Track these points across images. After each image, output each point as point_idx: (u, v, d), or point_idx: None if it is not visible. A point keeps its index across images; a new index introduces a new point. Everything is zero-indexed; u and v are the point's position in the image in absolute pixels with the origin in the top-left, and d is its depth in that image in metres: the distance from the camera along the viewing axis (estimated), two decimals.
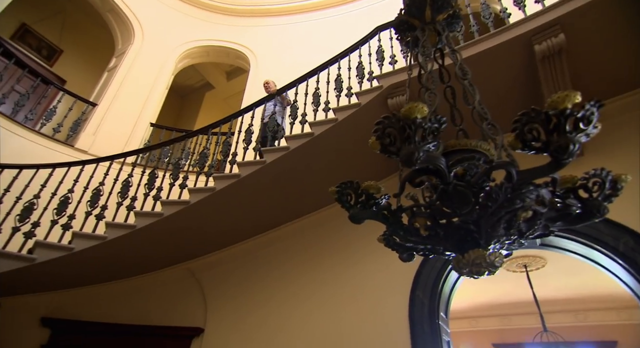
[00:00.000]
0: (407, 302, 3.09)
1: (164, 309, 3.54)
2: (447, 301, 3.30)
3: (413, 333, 2.95)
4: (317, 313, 3.26)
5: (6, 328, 3.16)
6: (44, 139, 4.29)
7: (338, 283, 3.35)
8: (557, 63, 2.79)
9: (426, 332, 2.95)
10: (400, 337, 2.94)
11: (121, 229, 2.92)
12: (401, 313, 3.05)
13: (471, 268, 0.85)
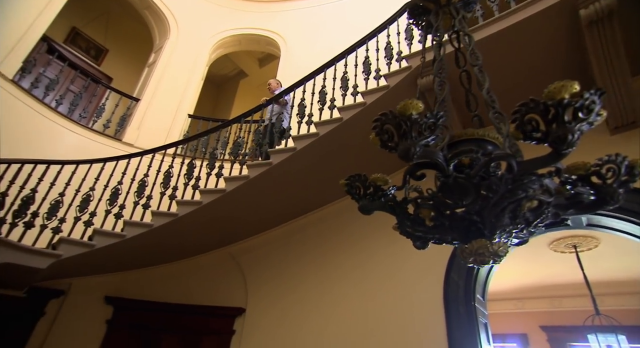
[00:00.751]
0: (442, 284, 3.10)
1: (208, 290, 3.81)
2: (484, 283, 3.26)
3: (448, 315, 2.96)
4: (351, 294, 3.36)
5: (77, 305, 3.59)
6: (96, 135, 4.68)
7: (371, 265, 3.41)
8: (607, 28, 2.54)
9: (461, 313, 2.95)
10: (435, 319, 2.97)
11: (165, 217, 3.16)
12: (436, 295, 3.06)
13: (475, 258, 0.86)
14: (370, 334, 3.11)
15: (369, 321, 3.17)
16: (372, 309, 3.22)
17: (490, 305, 6.73)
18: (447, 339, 2.86)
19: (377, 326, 3.12)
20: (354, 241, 3.58)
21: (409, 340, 2.98)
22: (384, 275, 3.33)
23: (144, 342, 3.60)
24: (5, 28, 4.06)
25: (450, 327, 2.91)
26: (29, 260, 2.81)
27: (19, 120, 4.10)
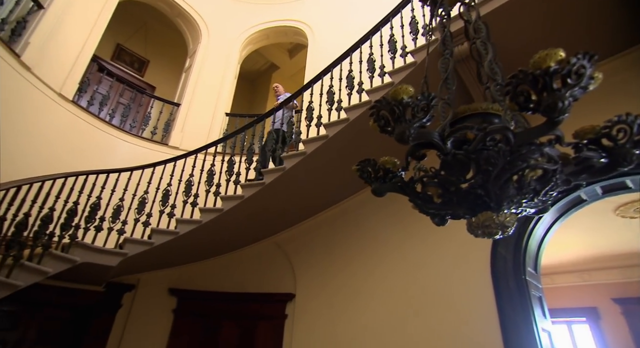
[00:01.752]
0: (489, 259, 3.04)
1: (259, 278, 4.04)
2: (536, 256, 3.13)
3: (497, 290, 2.91)
4: (394, 274, 3.39)
5: (146, 297, 4.00)
6: (146, 142, 5.06)
7: (413, 243, 3.41)
8: None
9: (511, 287, 2.88)
10: (484, 294, 2.92)
11: (212, 213, 3.38)
12: (482, 271, 3.01)
13: (483, 230, 0.86)
14: (415, 313, 3.14)
15: (414, 300, 3.19)
16: (417, 288, 3.23)
17: (552, 279, 6.40)
18: (498, 314, 2.81)
19: (422, 304, 3.13)
20: (395, 221, 3.58)
21: (456, 317, 2.96)
22: (427, 253, 3.31)
23: (207, 328, 3.93)
24: (62, 54, 4.49)
25: (500, 302, 2.86)
26: (102, 259, 3.17)
27: (81, 136, 4.55)
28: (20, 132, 3.92)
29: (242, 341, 3.83)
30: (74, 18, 4.68)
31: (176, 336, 3.87)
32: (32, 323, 3.70)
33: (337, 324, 3.44)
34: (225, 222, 3.51)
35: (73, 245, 3.04)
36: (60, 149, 4.25)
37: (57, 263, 2.90)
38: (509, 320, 2.76)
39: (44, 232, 2.90)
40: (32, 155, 3.93)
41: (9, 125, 3.83)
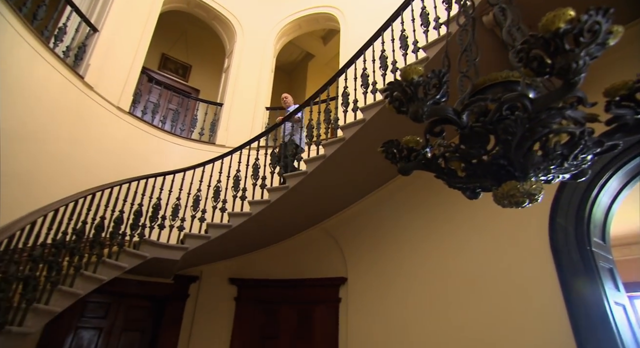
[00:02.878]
0: (547, 231, 2.87)
1: (312, 264, 4.17)
2: (603, 225, 2.90)
3: (558, 263, 2.76)
4: (448, 251, 3.33)
5: (210, 287, 4.33)
6: (195, 143, 5.38)
7: (466, 218, 3.30)
8: None
9: (575, 260, 2.71)
10: (544, 268, 2.78)
11: (260, 205, 3.54)
12: (540, 243, 2.87)
13: (509, 200, 0.84)
14: (470, 291, 3.07)
15: (468, 278, 3.12)
16: (471, 265, 3.15)
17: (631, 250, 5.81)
18: (561, 289, 2.67)
19: (477, 282, 3.05)
20: (444, 198, 3.47)
21: (514, 294, 2.85)
22: (480, 229, 3.20)
23: (267, 313, 4.17)
24: (116, 70, 4.90)
25: (563, 276, 2.70)
26: (167, 253, 3.48)
27: (139, 143, 4.96)
28: (89, 145, 4.37)
29: (300, 324, 4.01)
30: (123, 36, 5.07)
31: (240, 321, 4.16)
32: (119, 312, 4.19)
33: (391, 305, 3.47)
34: (273, 212, 3.65)
35: (142, 243, 3.36)
36: (123, 157, 4.68)
37: (131, 259, 3.24)
38: (575, 295, 2.60)
39: (117, 232, 3.24)
40: (101, 165, 4.38)
41: (81, 140, 4.29)
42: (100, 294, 3.80)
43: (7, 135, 3.48)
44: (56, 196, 2.94)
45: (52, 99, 3.99)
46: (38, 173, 3.74)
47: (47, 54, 3.92)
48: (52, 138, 3.96)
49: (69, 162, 4.10)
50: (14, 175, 3.54)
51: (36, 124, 3.79)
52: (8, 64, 3.53)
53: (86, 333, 3.97)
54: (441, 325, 3.11)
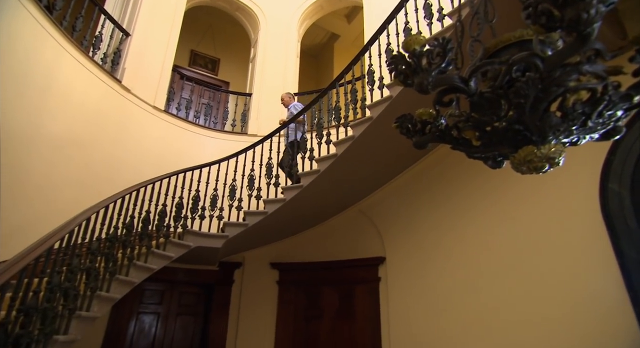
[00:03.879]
0: (597, 198, 2.68)
1: (349, 245, 4.20)
2: None
3: (612, 232, 2.58)
4: (489, 224, 3.22)
5: (252, 272, 4.51)
6: (228, 134, 5.54)
7: (508, 188, 3.16)
8: None
9: (632, 227, 2.53)
10: (595, 236, 2.62)
11: (293, 190, 3.60)
12: (591, 212, 2.68)
13: (527, 166, 0.79)
14: (513, 265, 2.96)
15: (511, 251, 3.00)
16: (513, 239, 3.03)
17: None
18: (617, 259, 2.49)
19: (521, 256, 2.93)
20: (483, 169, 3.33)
21: (561, 266, 2.71)
22: (523, 200, 3.06)
23: (308, 295, 4.29)
24: (150, 71, 5.13)
25: (618, 244, 2.52)
26: (209, 242, 3.66)
27: (175, 139, 5.19)
28: (130, 145, 4.65)
29: (342, 304, 4.10)
30: (152, 37, 5.27)
31: (283, 303, 4.32)
32: (173, 298, 4.51)
33: (431, 282, 3.44)
34: (307, 197, 3.70)
35: (186, 233, 3.56)
36: (163, 153, 4.93)
37: (177, 249, 3.45)
38: (633, 263, 2.43)
39: (162, 225, 3.45)
40: (143, 162, 4.64)
41: (123, 141, 4.57)
42: (154, 282, 4.10)
43: (59, 142, 3.79)
44: (105, 194, 3.17)
45: (94, 104, 4.27)
46: (88, 175, 4.05)
47: (88, 62, 4.18)
48: (98, 141, 4.25)
49: (114, 162, 4.39)
50: (72, 182, 3.86)
51: (82, 129, 4.08)
52: (55, 75, 3.81)
53: (146, 317, 4.32)
54: (484, 301, 3.04)
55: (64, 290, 2.16)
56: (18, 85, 3.39)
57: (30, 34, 3.57)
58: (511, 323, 2.83)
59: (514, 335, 2.80)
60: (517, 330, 2.79)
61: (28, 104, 3.49)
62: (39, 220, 3.43)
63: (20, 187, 3.36)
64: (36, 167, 3.54)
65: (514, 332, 2.80)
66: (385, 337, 3.64)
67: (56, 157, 3.74)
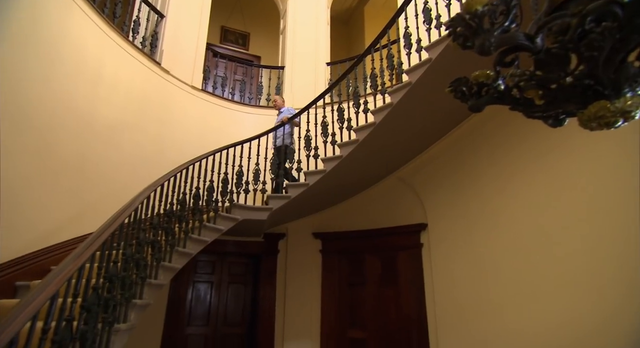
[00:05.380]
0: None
1: (390, 213, 4.24)
2: None
3: None
4: (536, 187, 3.12)
5: (296, 242, 4.70)
6: (264, 109, 5.61)
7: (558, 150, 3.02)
8: None
9: None
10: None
11: (332, 161, 3.64)
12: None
13: (598, 122, 0.75)
14: (563, 229, 2.87)
15: (561, 212, 2.90)
16: (562, 202, 2.91)
17: None
18: None
19: (570, 220, 2.83)
20: (530, 130, 3.19)
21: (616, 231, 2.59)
22: (573, 162, 2.90)
23: (351, 263, 4.43)
24: (185, 51, 5.22)
25: None
26: (255, 215, 3.83)
27: (214, 117, 5.34)
28: (174, 126, 4.85)
29: (384, 270, 4.20)
30: (185, 17, 5.32)
31: (327, 271, 4.49)
32: (223, 268, 4.82)
33: (476, 247, 3.42)
34: (347, 166, 3.73)
35: (233, 207, 3.74)
36: (204, 132, 5.11)
37: (226, 222, 3.65)
38: None
39: (211, 200, 3.64)
40: (186, 142, 4.85)
41: (167, 122, 4.77)
42: (206, 254, 4.38)
43: (112, 127, 4.03)
44: (154, 174, 3.38)
45: (139, 88, 4.45)
46: (138, 156, 4.30)
47: (130, 47, 4.33)
48: (144, 124, 4.47)
49: (160, 143, 4.62)
50: (126, 162, 4.13)
51: (130, 113, 4.29)
52: (103, 62, 4.00)
53: (201, 286, 4.68)
54: (533, 266, 2.99)
55: (136, 261, 2.39)
56: (72, 75, 3.59)
57: (79, 25, 3.73)
58: (562, 288, 2.79)
59: (565, 300, 2.76)
60: (568, 296, 2.74)
61: (82, 92, 3.71)
62: (103, 198, 3.74)
63: (85, 170, 3.65)
64: (96, 152, 3.80)
65: (565, 297, 2.76)
66: (429, 301, 3.72)
67: (111, 140, 3.99)
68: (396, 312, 3.99)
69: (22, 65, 3.09)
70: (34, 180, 3.13)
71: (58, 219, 3.35)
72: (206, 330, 4.55)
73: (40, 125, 3.23)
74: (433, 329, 3.60)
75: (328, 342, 4.25)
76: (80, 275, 1.72)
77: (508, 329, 3.05)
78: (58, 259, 3.17)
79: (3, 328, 1.14)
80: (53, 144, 3.35)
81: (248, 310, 4.74)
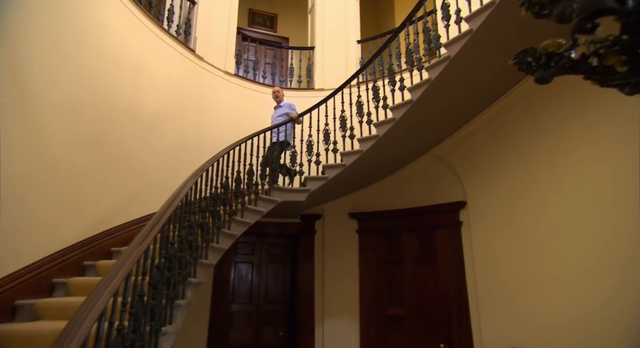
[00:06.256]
0: None
1: (428, 191, 4.20)
2: None
3: None
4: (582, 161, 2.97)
5: (332, 222, 4.77)
6: (295, 91, 5.59)
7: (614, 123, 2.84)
8: None
9: None
10: None
11: (368, 141, 3.62)
12: None
13: None
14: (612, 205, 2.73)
15: (610, 190, 2.76)
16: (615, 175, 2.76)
17: None
18: None
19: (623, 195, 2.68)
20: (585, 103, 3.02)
21: None
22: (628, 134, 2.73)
23: (388, 242, 4.46)
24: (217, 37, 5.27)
25: None
26: (294, 196, 3.91)
27: (247, 101, 5.41)
28: (210, 112, 4.96)
29: (422, 249, 4.20)
30: (216, 2, 5.35)
31: (364, 251, 4.55)
32: (263, 249, 4.99)
33: (520, 224, 3.34)
34: (383, 146, 3.70)
35: (272, 189, 3.83)
36: (238, 117, 5.20)
37: (266, 204, 3.75)
38: None
39: (251, 183, 3.74)
40: (222, 128, 4.96)
41: (204, 109, 4.90)
42: (246, 235, 4.52)
43: (154, 117, 4.18)
44: (194, 161, 3.51)
45: (177, 76, 4.57)
46: (179, 144, 4.46)
47: (167, 37, 4.43)
48: (183, 111, 4.60)
49: (199, 130, 4.75)
50: (168, 149, 4.29)
51: (169, 102, 4.43)
52: (143, 54, 4.12)
53: (242, 266, 4.87)
54: (582, 242, 2.89)
55: (189, 242, 2.53)
56: (115, 67, 3.73)
57: (120, 18, 3.85)
58: (611, 268, 2.69)
59: (613, 280, 2.66)
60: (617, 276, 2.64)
61: (125, 84, 3.86)
62: (149, 185, 3.94)
63: (131, 159, 3.84)
64: (140, 141, 3.98)
65: (614, 277, 2.66)
66: (470, 279, 3.70)
67: (153, 130, 4.16)
68: (435, 289, 4.01)
69: (75, 61, 3.25)
70: (90, 169, 3.34)
71: (113, 203, 3.57)
72: (249, 307, 4.77)
73: (91, 117, 3.41)
74: (474, 306, 3.60)
75: (367, 319, 4.35)
76: (146, 256, 1.85)
77: (553, 307, 3.00)
78: (115, 242, 3.41)
79: (94, 302, 1.27)
80: (102, 134, 3.53)
81: (288, 289, 4.91)
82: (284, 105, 4.58)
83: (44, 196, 2.83)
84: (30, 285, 2.51)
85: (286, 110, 4.47)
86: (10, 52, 2.64)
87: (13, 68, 2.65)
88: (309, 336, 4.45)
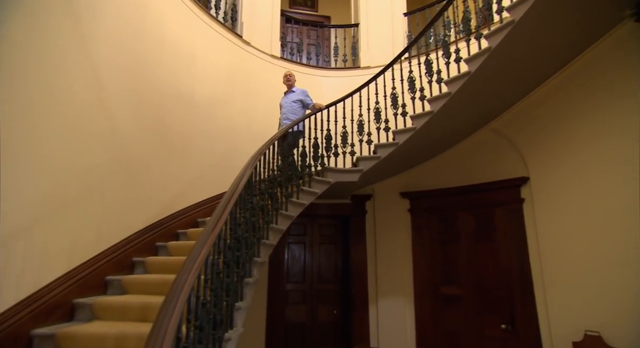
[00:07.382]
0: None
1: (484, 167, 4.02)
2: None
3: None
4: None
5: (383, 202, 4.73)
6: (341, 71, 5.53)
7: None
8: None
9: None
10: None
11: (422, 118, 3.49)
12: None
13: None
14: None
15: None
16: None
17: None
18: None
19: None
20: None
21: None
22: None
23: (442, 221, 4.36)
24: (262, 21, 5.29)
25: None
26: (347, 177, 3.90)
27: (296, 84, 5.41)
28: (258, 96, 5.05)
29: (479, 227, 4.06)
30: None
31: (417, 230, 4.49)
32: (314, 230, 5.09)
33: (591, 199, 3.10)
34: (436, 122, 3.56)
35: (325, 170, 3.85)
36: None
37: (320, 185, 3.79)
38: None
39: (305, 165, 3.78)
40: (269, 112, 5.01)
41: (252, 93, 4.99)
42: (298, 217, 4.62)
43: (207, 104, 4.33)
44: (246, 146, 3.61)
45: (226, 62, 4.68)
46: (231, 128, 4.60)
47: (216, 24, 4.54)
48: (233, 97, 4.72)
49: (248, 114, 4.86)
50: (221, 135, 4.45)
51: (221, 88, 4.56)
52: (194, 42, 4.25)
53: (295, 247, 5.02)
54: None
55: (253, 224, 2.64)
56: (171, 58, 3.89)
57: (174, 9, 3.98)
58: None
59: None
60: None
61: (181, 73, 4.02)
62: (207, 169, 4.13)
63: (189, 146, 4.03)
64: (196, 128, 4.16)
65: None
66: (534, 258, 3.53)
67: (207, 116, 4.32)
68: (494, 268, 3.88)
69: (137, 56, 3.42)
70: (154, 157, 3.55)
71: (175, 189, 3.80)
72: (303, 286, 4.92)
73: (152, 110, 3.60)
74: (539, 284, 3.45)
75: (422, 298, 4.33)
76: (219, 237, 1.96)
77: (624, 284, 2.80)
78: (180, 225, 3.64)
79: (184, 278, 1.37)
80: (162, 125, 3.72)
81: (340, 269, 5.00)
82: (296, 91, 4.51)
83: (118, 184, 3.07)
84: (116, 263, 2.80)
85: (300, 96, 4.41)
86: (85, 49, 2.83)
87: (92, 67, 2.84)
88: (364, 314, 4.52)
